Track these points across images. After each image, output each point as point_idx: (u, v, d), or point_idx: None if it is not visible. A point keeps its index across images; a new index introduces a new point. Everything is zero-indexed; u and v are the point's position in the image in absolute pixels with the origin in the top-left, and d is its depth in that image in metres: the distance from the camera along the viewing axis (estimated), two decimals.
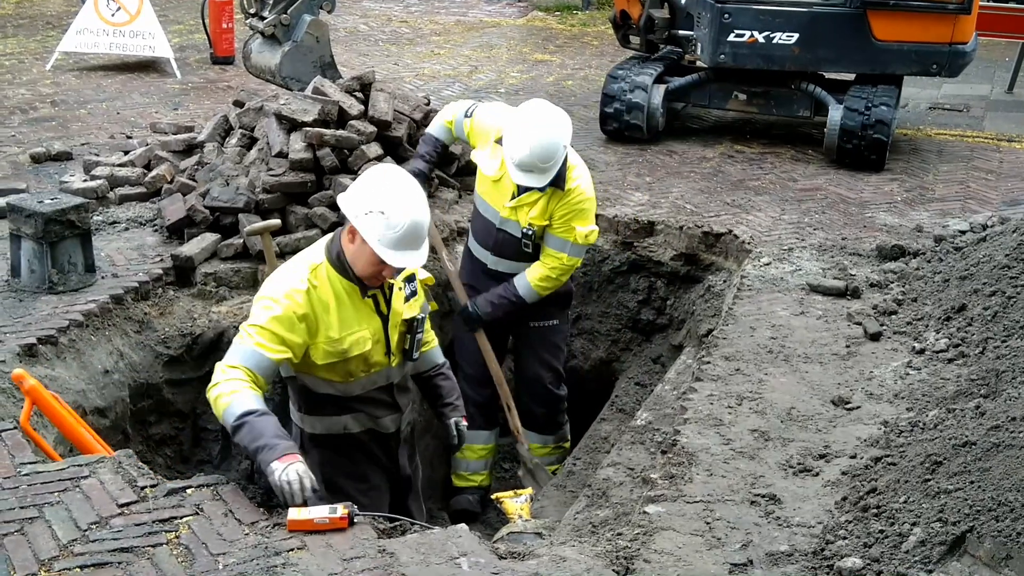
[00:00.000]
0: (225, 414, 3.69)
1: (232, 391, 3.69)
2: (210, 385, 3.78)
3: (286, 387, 4.39)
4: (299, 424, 4.27)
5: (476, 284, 5.78)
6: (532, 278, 5.60)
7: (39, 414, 4.22)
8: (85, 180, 7.02)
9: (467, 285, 5.78)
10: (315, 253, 4.02)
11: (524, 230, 5.50)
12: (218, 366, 3.81)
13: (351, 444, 4.29)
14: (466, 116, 5.69)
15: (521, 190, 5.43)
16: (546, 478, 5.78)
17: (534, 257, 5.59)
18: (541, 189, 5.33)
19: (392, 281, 4.08)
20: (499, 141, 5.42)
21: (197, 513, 3.67)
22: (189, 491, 3.81)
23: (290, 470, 3.58)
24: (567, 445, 6.20)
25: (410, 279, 4.20)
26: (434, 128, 5.91)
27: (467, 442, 5.17)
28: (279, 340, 3.81)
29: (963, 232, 6.52)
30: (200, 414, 5.83)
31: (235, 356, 3.80)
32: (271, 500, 5.27)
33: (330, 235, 4.10)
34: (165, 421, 5.72)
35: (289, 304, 3.83)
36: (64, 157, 7.89)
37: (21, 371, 4.20)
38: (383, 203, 3.81)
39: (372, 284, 3.99)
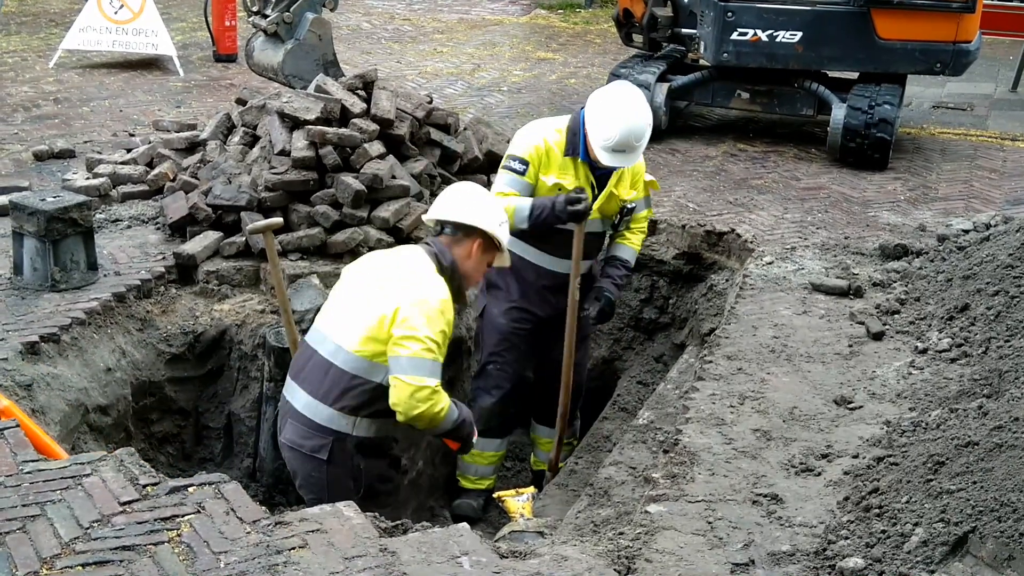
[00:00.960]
0: (446, 421, 4.25)
1: (448, 404, 4.25)
2: (435, 401, 4.13)
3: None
4: (347, 430, 4.26)
5: (545, 301, 5.60)
6: (636, 245, 5.73)
7: None
8: (88, 178, 7.02)
9: (517, 307, 5.61)
10: (426, 261, 4.37)
11: (626, 206, 5.50)
12: (426, 383, 4.10)
13: (386, 447, 4.47)
14: (518, 174, 5.36)
15: (601, 185, 5.38)
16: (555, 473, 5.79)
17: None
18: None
19: None
20: (567, 153, 5.33)
21: (199, 511, 3.67)
22: (191, 489, 3.81)
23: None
24: (576, 442, 6.18)
25: None
26: (519, 219, 5.28)
27: (479, 448, 5.26)
28: (445, 348, 4.23)
29: (966, 231, 6.51)
30: (202, 412, 5.84)
31: (429, 374, 4.12)
32: (273, 498, 5.30)
33: (421, 246, 4.48)
34: (167, 419, 5.72)
35: (449, 313, 4.24)
36: (67, 155, 7.89)
37: None
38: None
39: (472, 286, 4.73)
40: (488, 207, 4.54)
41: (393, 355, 4.13)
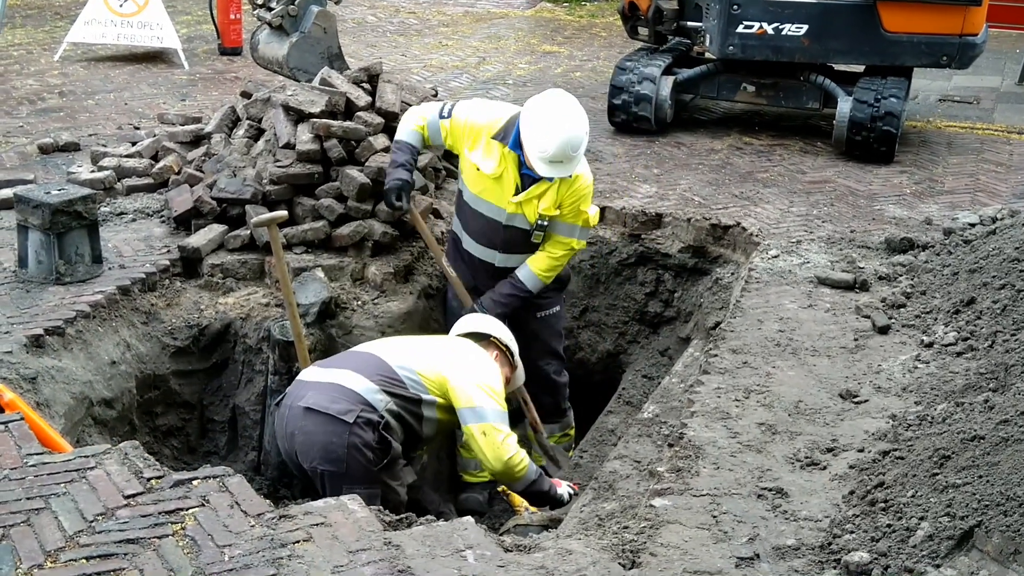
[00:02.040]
0: (528, 474, 4.74)
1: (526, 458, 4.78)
2: (514, 452, 4.66)
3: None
4: (378, 406, 4.51)
5: (480, 285, 5.76)
6: (537, 268, 5.60)
7: None
8: (92, 171, 7.02)
9: (469, 288, 5.77)
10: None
11: (539, 222, 5.48)
12: (506, 433, 4.65)
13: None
14: (442, 117, 5.56)
15: (526, 184, 5.41)
16: (566, 461, 5.81)
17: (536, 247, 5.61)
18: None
19: None
20: (496, 137, 5.42)
21: (203, 505, 3.68)
22: (195, 482, 3.81)
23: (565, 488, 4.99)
24: (572, 432, 6.20)
25: None
26: (405, 134, 5.67)
27: None
28: None
29: (972, 225, 6.49)
30: (207, 405, 5.83)
31: (503, 421, 4.66)
32: (277, 492, 5.30)
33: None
34: (172, 412, 5.72)
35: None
36: (72, 148, 7.89)
37: None
38: None
39: None
40: (501, 326, 5.18)
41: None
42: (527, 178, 5.44)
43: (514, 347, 5.16)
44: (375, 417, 4.46)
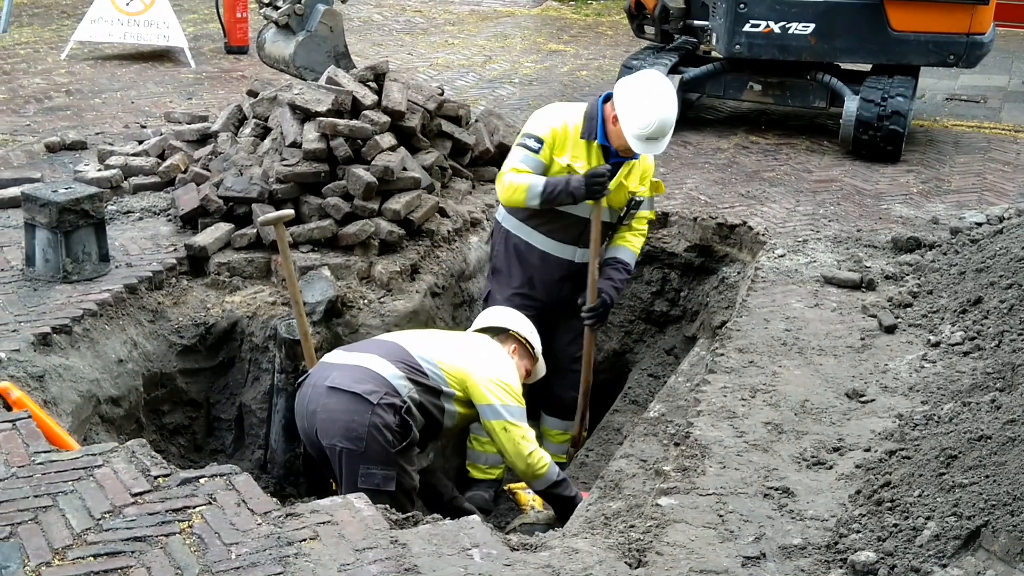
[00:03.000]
0: (549, 473, 4.81)
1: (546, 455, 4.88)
2: (533, 448, 4.76)
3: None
4: (402, 392, 4.59)
5: (542, 283, 5.70)
6: (636, 248, 5.82)
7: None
8: (99, 169, 7.03)
9: (520, 294, 5.69)
10: None
11: (632, 201, 5.60)
12: (524, 429, 4.75)
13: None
14: (534, 151, 5.44)
15: (616, 170, 5.48)
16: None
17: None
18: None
19: None
20: (583, 136, 5.43)
21: (210, 503, 3.68)
22: (202, 480, 3.82)
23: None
24: (586, 433, 6.17)
25: None
26: (532, 195, 5.39)
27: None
28: None
29: (979, 224, 6.48)
30: (213, 403, 5.84)
31: (521, 418, 4.76)
32: (284, 490, 5.31)
33: None
34: (179, 410, 5.73)
35: None
36: (79, 146, 7.91)
37: (7, 384, 4.40)
38: None
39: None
40: (521, 319, 5.22)
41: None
42: (613, 168, 5.49)
43: (534, 340, 5.19)
44: (398, 401, 4.54)
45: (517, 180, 5.40)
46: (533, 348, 5.17)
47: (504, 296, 5.69)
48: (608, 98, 5.47)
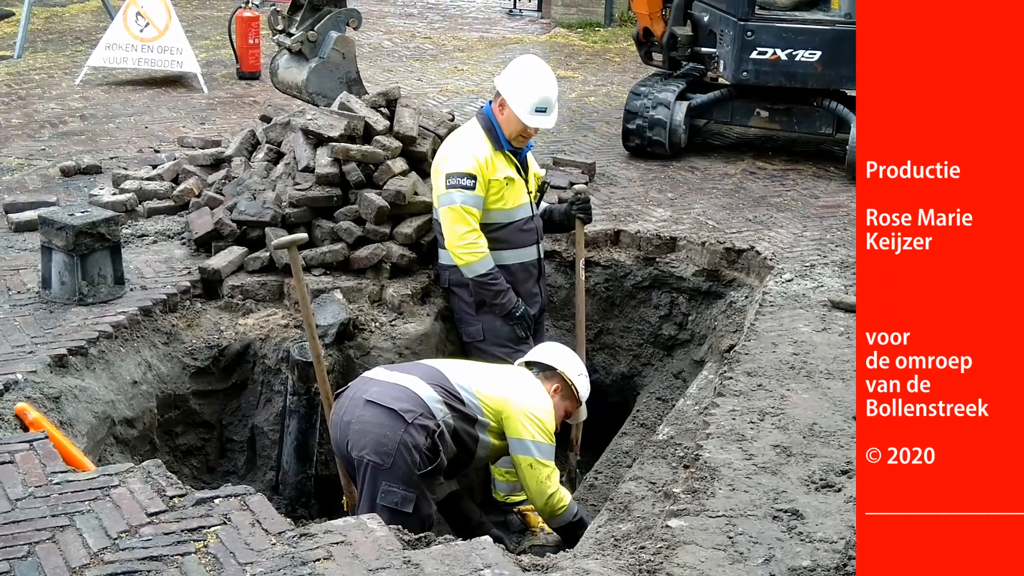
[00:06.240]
0: (566, 514, 4.95)
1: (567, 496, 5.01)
2: (555, 489, 4.88)
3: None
4: (438, 415, 4.65)
5: (534, 289, 6.05)
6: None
7: None
8: (114, 193, 7.11)
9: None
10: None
11: (544, 182, 6.19)
12: (551, 469, 4.86)
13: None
14: (470, 189, 5.66)
15: (524, 166, 5.93)
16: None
17: None
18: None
19: None
20: (496, 148, 5.75)
21: (225, 523, 3.72)
22: (217, 501, 3.86)
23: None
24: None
25: None
26: (483, 259, 5.73)
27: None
28: None
29: None
30: (226, 425, 5.89)
31: (549, 457, 4.85)
32: (295, 511, 5.35)
33: None
34: (192, 432, 5.78)
35: None
36: (93, 171, 7.99)
37: (24, 405, 4.48)
38: None
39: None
40: (573, 360, 5.21)
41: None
42: (522, 166, 5.93)
43: (580, 385, 5.16)
44: (432, 424, 4.59)
45: (481, 247, 5.71)
46: (578, 392, 5.17)
47: (503, 320, 5.86)
48: (488, 105, 5.90)
